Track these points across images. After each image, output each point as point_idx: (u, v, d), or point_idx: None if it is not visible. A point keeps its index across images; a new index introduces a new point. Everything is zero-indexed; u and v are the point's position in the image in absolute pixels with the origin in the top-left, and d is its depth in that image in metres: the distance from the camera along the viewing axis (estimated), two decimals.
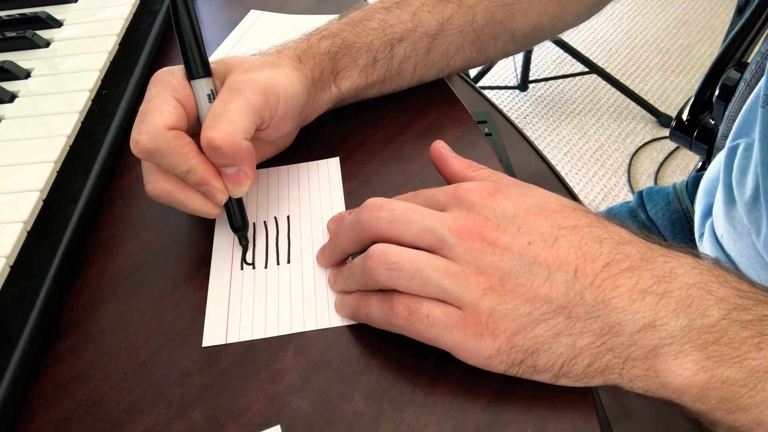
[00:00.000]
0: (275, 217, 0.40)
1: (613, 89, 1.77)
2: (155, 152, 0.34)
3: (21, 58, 0.51)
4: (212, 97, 0.36)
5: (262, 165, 0.44)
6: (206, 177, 0.35)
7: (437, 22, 0.46)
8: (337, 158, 0.44)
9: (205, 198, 0.36)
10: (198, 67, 0.36)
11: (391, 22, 0.45)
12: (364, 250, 0.33)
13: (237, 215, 0.38)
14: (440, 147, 0.37)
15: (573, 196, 0.69)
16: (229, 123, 0.34)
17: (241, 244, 0.39)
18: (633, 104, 1.75)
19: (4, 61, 0.50)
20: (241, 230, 0.38)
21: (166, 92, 0.35)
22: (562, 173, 1.40)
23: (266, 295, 0.36)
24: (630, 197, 1.20)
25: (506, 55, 0.52)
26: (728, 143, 0.53)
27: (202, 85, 0.36)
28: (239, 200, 0.38)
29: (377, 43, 0.44)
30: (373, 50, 0.44)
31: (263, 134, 0.38)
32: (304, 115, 0.42)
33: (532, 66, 1.83)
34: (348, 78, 0.44)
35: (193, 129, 0.36)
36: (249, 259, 0.38)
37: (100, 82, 0.49)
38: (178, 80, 0.36)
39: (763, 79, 0.45)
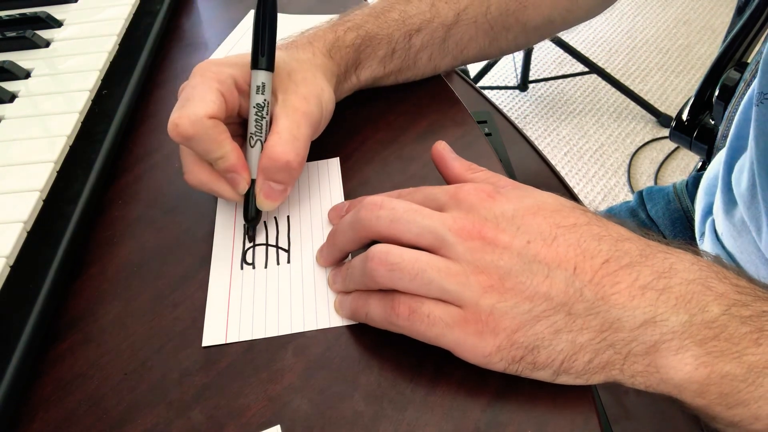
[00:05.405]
0: (275, 217, 0.40)
1: (613, 89, 1.77)
2: (193, 138, 0.35)
3: (21, 58, 0.51)
4: (260, 90, 0.37)
5: None
6: (236, 166, 0.36)
7: (454, 13, 0.47)
8: (337, 158, 0.44)
9: (230, 185, 0.38)
10: (264, 59, 0.37)
11: (411, 13, 0.46)
12: (363, 248, 0.33)
13: (252, 207, 0.38)
14: (441, 148, 0.37)
15: (573, 196, 0.69)
16: (296, 140, 0.37)
17: (248, 234, 0.39)
18: (633, 104, 1.75)
19: (4, 61, 0.50)
20: (253, 220, 0.39)
21: (212, 82, 0.36)
22: (562, 173, 1.40)
23: (266, 295, 0.36)
24: (630, 197, 1.20)
25: (518, 48, 0.53)
26: (728, 141, 0.53)
27: (259, 77, 0.37)
28: None
29: (397, 34, 0.45)
30: (393, 41, 0.45)
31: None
32: None
33: (532, 66, 1.83)
34: (368, 68, 0.46)
35: (229, 120, 0.38)
36: (249, 259, 0.38)
37: (100, 82, 0.49)
38: (224, 73, 0.37)
39: (757, 77, 0.45)
